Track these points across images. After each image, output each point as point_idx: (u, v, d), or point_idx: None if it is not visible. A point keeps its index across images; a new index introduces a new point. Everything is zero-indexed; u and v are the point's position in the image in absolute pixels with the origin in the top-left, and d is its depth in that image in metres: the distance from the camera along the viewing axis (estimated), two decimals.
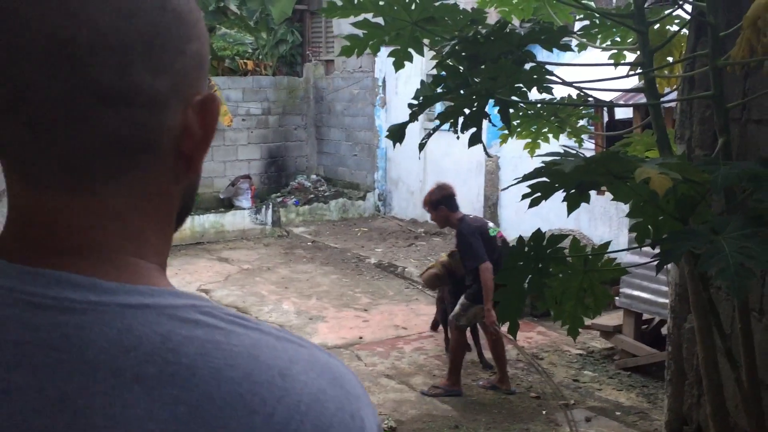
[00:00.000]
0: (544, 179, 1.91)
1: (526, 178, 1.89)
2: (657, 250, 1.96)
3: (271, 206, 11.66)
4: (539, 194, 2.01)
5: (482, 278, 5.11)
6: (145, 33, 0.59)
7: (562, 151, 1.87)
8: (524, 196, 1.96)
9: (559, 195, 2.12)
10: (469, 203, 9.71)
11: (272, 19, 13.14)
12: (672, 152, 2.72)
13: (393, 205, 12.16)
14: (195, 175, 0.69)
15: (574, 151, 1.91)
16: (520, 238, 2.23)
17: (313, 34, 14.12)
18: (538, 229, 2.20)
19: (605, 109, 7.13)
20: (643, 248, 2.42)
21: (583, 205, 2.14)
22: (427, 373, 5.92)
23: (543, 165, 1.83)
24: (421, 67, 10.31)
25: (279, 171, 12.97)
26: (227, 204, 11.86)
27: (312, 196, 12.36)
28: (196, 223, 10.78)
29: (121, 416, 0.54)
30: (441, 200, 5.48)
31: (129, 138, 0.60)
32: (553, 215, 8.56)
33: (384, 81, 12.01)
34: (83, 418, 0.54)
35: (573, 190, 2.04)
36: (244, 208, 11.58)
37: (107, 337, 0.56)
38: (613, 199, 2.22)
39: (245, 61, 13.57)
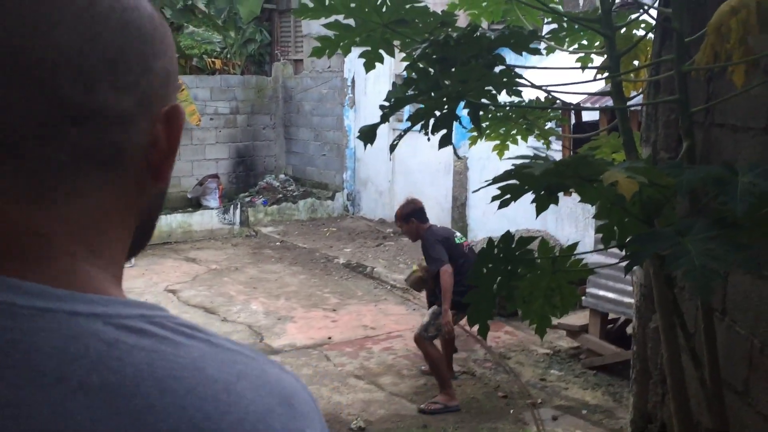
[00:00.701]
0: (514, 181, 1.94)
1: (496, 180, 1.92)
2: (623, 252, 2.00)
3: (239, 206, 11.61)
4: (509, 196, 2.04)
5: (441, 280, 5.19)
6: (108, 54, 0.61)
7: (531, 154, 1.90)
8: (494, 198, 1.99)
9: (527, 196, 2.16)
10: (438, 204, 9.76)
11: (240, 18, 13.08)
12: (638, 155, 2.77)
13: (362, 206, 12.17)
14: (163, 185, 0.70)
15: (543, 154, 1.94)
16: (490, 240, 2.25)
17: (282, 33, 14.08)
18: (508, 231, 2.23)
19: (572, 111, 7.21)
20: (609, 249, 2.47)
21: (551, 206, 2.17)
22: (396, 372, 5.94)
23: (513, 167, 1.85)
24: (390, 67, 10.34)
25: (247, 170, 12.91)
26: (195, 203, 11.78)
27: (280, 195, 12.33)
28: (163, 223, 10.69)
29: (64, 424, 0.53)
30: (411, 213, 5.63)
31: (95, 154, 0.62)
32: (520, 216, 8.63)
33: (353, 81, 12.02)
34: (26, 425, 0.53)
35: (542, 192, 2.07)
36: (212, 208, 11.51)
37: (54, 344, 0.55)
38: (580, 201, 2.26)
39: (213, 59, 13.49)
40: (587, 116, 7.77)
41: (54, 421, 0.53)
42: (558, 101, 3.67)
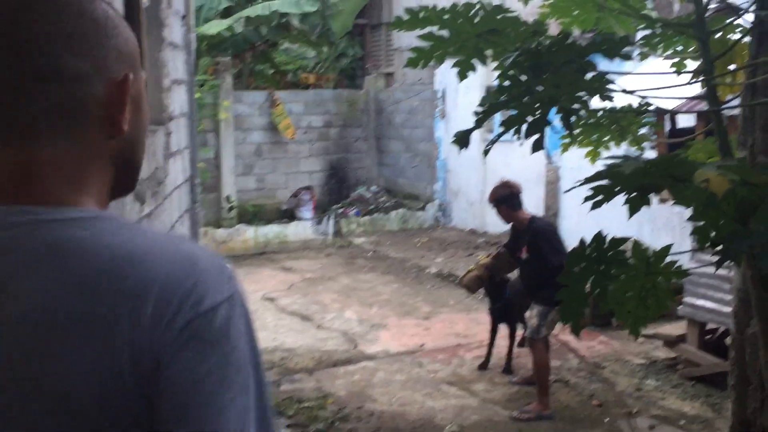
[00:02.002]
0: (605, 182, 1.99)
1: (588, 180, 1.97)
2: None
3: (332, 217, 11.85)
4: (601, 197, 2.09)
5: None
6: (67, 30, 0.87)
7: (609, 157, 1.95)
8: (586, 199, 2.04)
9: (622, 208, 2.19)
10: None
11: (333, 34, 13.38)
12: (734, 158, 2.77)
13: (453, 216, 12.23)
14: (124, 136, 0.93)
15: (634, 156, 1.99)
16: (581, 240, 2.30)
17: (373, 47, 14.32)
18: (599, 231, 2.28)
19: (667, 117, 7.10)
20: (709, 256, 2.48)
21: (646, 214, 2.22)
22: (488, 380, 5.97)
23: (604, 167, 1.91)
24: (480, 78, 10.38)
25: (340, 182, 13.17)
26: (289, 215, 12.10)
27: (372, 206, 12.52)
28: (259, 234, 11.02)
29: (33, 285, 0.81)
30: (501, 199, 5.49)
31: (62, 104, 0.87)
32: (615, 226, 8.48)
33: (444, 93, 12.11)
34: (10, 287, 0.81)
35: (634, 194, 2.11)
36: (306, 219, 11.79)
37: (37, 239, 0.83)
38: (674, 203, 2.28)
39: (307, 74, 13.84)
40: (683, 123, 7.63)
41: (26, 283, 0.81)
42: (651, 106, 3.67)
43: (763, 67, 2.88)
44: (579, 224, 9.18)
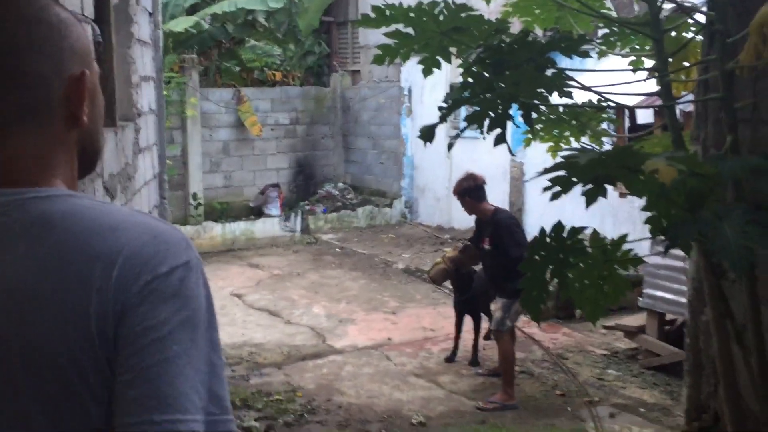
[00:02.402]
0: (563, 173, 2.09)
1: (546, 171, 2.07)
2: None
3: (299, 214, 11.89)
4: (559, 189, 2.19)
5: None
6: (26, 37, 0.97)
7: (567, 149, 2.05)
8: (545, 190, 2.14)
9: (583, 204, 2.29)
10: None
11: (299, 31, 13.41)
12: (687, 151, 2.89)
13: (419, 212, 12.34)
14: (84, 126, 1.04)
15: (590, 148, 2.09)
16: (542, 229, 2.40)
17: (340, 45, 14.37)
18: (559, 221, 2.38)
19: (626, 113, 7.27)
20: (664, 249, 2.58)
21: (608, 208, 2.32)
22: (454, 372, 6.09)
23: (562, 159, 2.01)
24: (446, 76, 10.49)
25: (307, 179, 13.21)
26: (257, 212, 12.12)
27: (339, 203, 12.58)
28: (227, 230, 11.03)
29: (14, 257, 0.91)
30: (466, 191, 5.60)
31: (28, 103, 0.98)
32: (577, 220, 8.66)
33: (410, 90, 12.22)
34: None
35: (591, 185, 2.21)
36: (273, 216, 11.82)
37: (21, 215, 0.94)
38: (627, 194, 2.39)
39: (273, 72, 13.85)
40: (643, 118, 7.81)
41: (11, 254, 0.92)
42: (610, 102, 3.79)
43: (713, 64, 3.00)
44: (543, 218, 9.33)
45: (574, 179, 2.17)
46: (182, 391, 0.90)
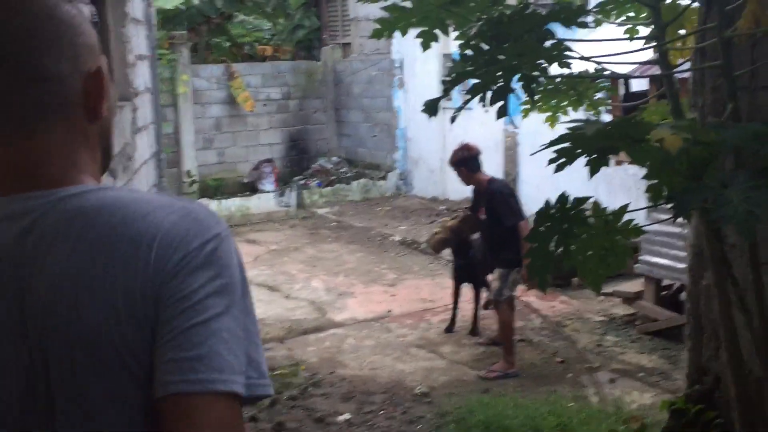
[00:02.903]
0: (567, 144, 2.11)
1: (551, 144, 2.09)
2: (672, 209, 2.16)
3: (294, 189, 11.90)
4: (563, 160, 2.21)
5: (522, 235, 5.16)
6: (44, 37, 1.00)
7: (571, 121, 2.07)
8: (550, 161, 2.17)
9: (578, 171, 2.31)
10: None
11: (289, 5, 13.33)
12: (685, 118, 2.91)
13: (414, 184, 12.36)
14: (102, 120, 1.08)
15: (594, 119, 2.11)
16: (546, 201, 2.43)
17: (330, 18, 14.28)
18: (563, 192, 2.40)
19: (622, 81, 7.27)
20: (664, 215, 2.61)
21: (602, 177, 2.34)
22: (455, 342, 6.15)
23: (567, 131, 2.03)
24: (437, 48, 10.44)
25: (300, 154, 13.20)
26: (251, 188, 12.11)
27: (334, 177, 12.59)
28: (222, 207, 11.03)
29: (62, 251, 0.96)
30: (461, 162, 5.62)
31: (49, 100, 1.01)
32: (572, 189, 8.69)
33: (402, 62, 12.17)
34: (44, 247, 0.97)
35: (594, 156, 2.24)
36: (268, 192, 11.83)
37: (58, 215, 0.98)
38: (630, 163, 2.41)
39: (264, 47, 13.78)
40: (636, 86, 7.83)
41: (59, 246, 0.96)
42: (607, 72, 3.80)
43: (711, 32, 3.02)
44: (538, 188, 9.38)
45: (578, 151, 2.19)
46: (219, 352, 0.94)
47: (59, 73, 1.01)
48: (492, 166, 10.16)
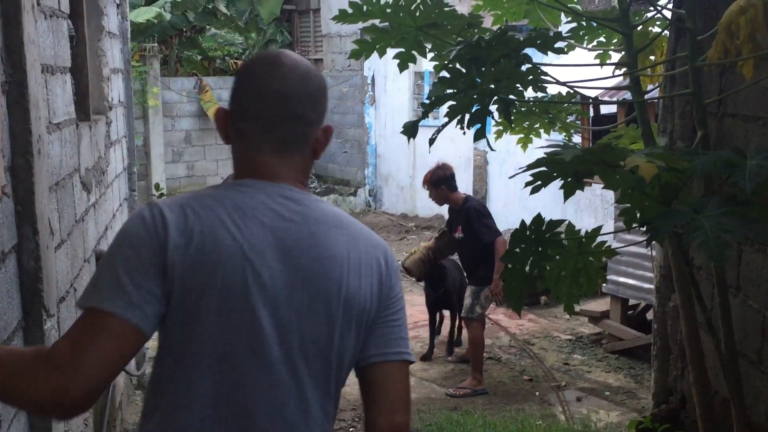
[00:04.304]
0: (544, 168, 2.16)
1: (529, 167, 2.14)
2: (643, 237, 2.22)
3: None
4: (539, 183, 2.26)
5: (498, 251, 5.23)
6: (310, 93, 1.48)
7: (549, 145, 2.12)
8: (527, 184, 2.21)
9: (545, 191, 2.36)
10: None
11: (261, 20, 13.34)
12: (656, 144, 2.99)
13: (383, 201, 12.41)
14: (317, 158, 1.55)
15: (572, 144, 2.16)
16: (522, 222, 2.48)
17: (302, 33, 14.32)
18: (539, 213, 2.45)
19: (591, 105, 7.39)
20: (631, 236, 2.67)
21: (571, 197, 2.38)
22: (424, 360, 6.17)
23: (545, 155, 2.08)
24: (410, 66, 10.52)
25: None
26: None
27: None
28: None
29: (330, 239, 1.45)
30: (441, 180, 5.66)
31: (302, 136, 1.50)
32: (540, 208, 8.81)
33: (373, 79, 12.25)
34: (320, 239, 1.44)
35: (570, 179, 2.29)
36: None
37: (319, 211, 1.47)
38: (603, 188, 2.47)
39: (236, 60, 13.76)
40: (604, 109, 7.96)
41: (329, 238, 1.45)
42: (578, 95, 3.88)
43: (680, 60, 3.10)
44: (506, 206, 9.48)
45: (554, 174, 2.24)
46: (407, 333, 1.56)
47: (311, 120, 1.48)
48: (461, 184, 10.23)
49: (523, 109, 3.75)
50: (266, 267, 1.38)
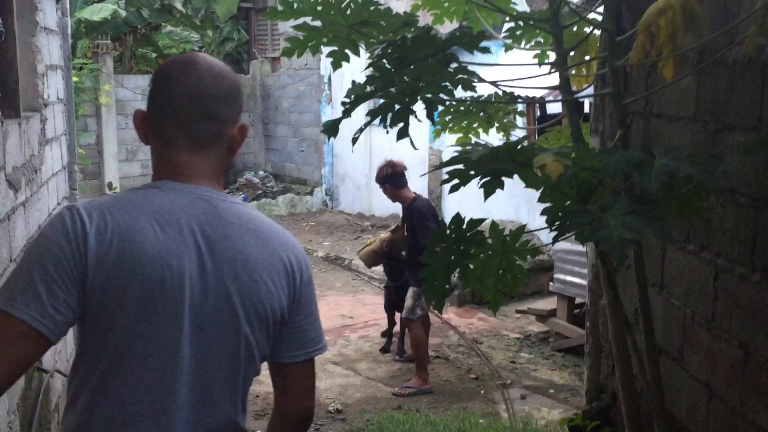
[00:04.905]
0: (460, 167, 2.16)
1: (442, 165, 2.14)
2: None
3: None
4: (457, 181, 2.26)
5: None
6: (224, 92, 1.54)
7: (464, 144, 2.13)
8: (443, 182, 2.21)
9: (500, 192, 2.36)
10: None
11: (218, 17, 13.24)
12: (585, 144, 3.01)
13: (340, 200, 12.38)
14: (233, 155, 1.61)
15: (483, 143, 2.17)
16: (442, 221, 2.48)
17: (259, 31, 14.23)
18: (458, 213, 2.45)
19: (537, 104, 7.45)
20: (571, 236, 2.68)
21: (523, 196, 2.42)
22: (372, 359, 6.17)
23: (455, 155, 2.08)
24: (365, 65, 10.51)
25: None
26: None
27: (260, 192, 12.52)
28: None
29: (242, 242, 1.51)
30: (386, 179, 5.69)
31: (218, 134, 1.54)
32: (494, 208, 8.88)
33: (330, 78, 12.22)
34: (233, 241, 1.50)
35: (488, 178, 2.30)
36: None
37: (233, 213, 1.53)
38: (525, 187, 2.48)
39: None
40: (552, 108, 8.03)
41: (241, 239, 1.51)
42: (520, 96, 3.89)
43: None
44: (461, 206, 9.49)
45: (472, 172, 2.24)
46: (319, 328, 1.67)
47: (226, 118, 1.54)
48: (417, 183, 10.27)
49: (461, 108, 3.77)
50: (183, 270, 1.43)
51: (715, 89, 2.55)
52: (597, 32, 3.52)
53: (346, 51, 3.23)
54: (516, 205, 8.55)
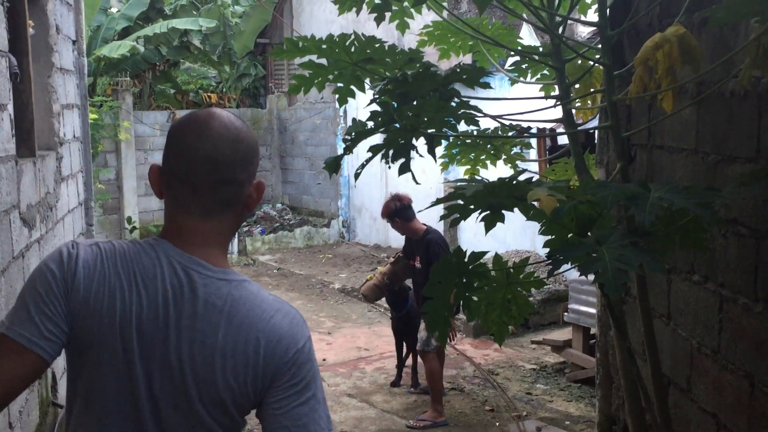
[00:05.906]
0: (459, 201, 2.19)
1: (439, 201, 2.17)
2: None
3: (236, 235, 11.85)
4: (457, 215, 2.29)
5: None
6: (240, 156, 1.49)
7: (456, 180, 2.16)
8: (442, 217, 2.24)
9: (516, 222, 2.39)
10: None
11: (235, 53, 13.43)
12: (590, 176, 3.03)
13: (357, 232, 12.43)
14: (250, 211, 1.58)
15: (479, 178, 2.20)
16: (444, 256, 2.50)
17: (276, 66, 14.42)
18: (458, 246, 2.48)
19: (547, 136, 7.47)
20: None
21: (537, 227, 2.41)
22: (387, 391, 6.16)
23: (453, 189, 2.11)
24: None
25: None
26: None
27: (277, 224, 12.59)
28: None
29: (209, 324, 1.43)
30: (395, 213, 5.69)
31: (230, 200, 1.51)
32: (509, 237, 8.89)
33: (345, 111, 12.33)
34: (199, 321, 1.43)
35: (487, 212, 2.32)
36: None
37: (212, 292, 1.45)
38: (527, 220, 2.50)
39: (209, 94, 13.83)
40: (563, 140, 8.04)
41: (212, 323, 1.43)
42: (529, 128, 3.93)
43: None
44: (476, 236, 9.51)
45: (471, 207, 2.28)
46: (315, 419, 1.45)
47: (241, 181, 1.50)
48: (432, 214, 10.30)
49: (467, 141, 3.81)
50: (144, 339, 1.43)
51: (714, 121, 2.57)
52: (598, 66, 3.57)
53: (352, 87, 3.28)
54: (532, 235, 8.54)
